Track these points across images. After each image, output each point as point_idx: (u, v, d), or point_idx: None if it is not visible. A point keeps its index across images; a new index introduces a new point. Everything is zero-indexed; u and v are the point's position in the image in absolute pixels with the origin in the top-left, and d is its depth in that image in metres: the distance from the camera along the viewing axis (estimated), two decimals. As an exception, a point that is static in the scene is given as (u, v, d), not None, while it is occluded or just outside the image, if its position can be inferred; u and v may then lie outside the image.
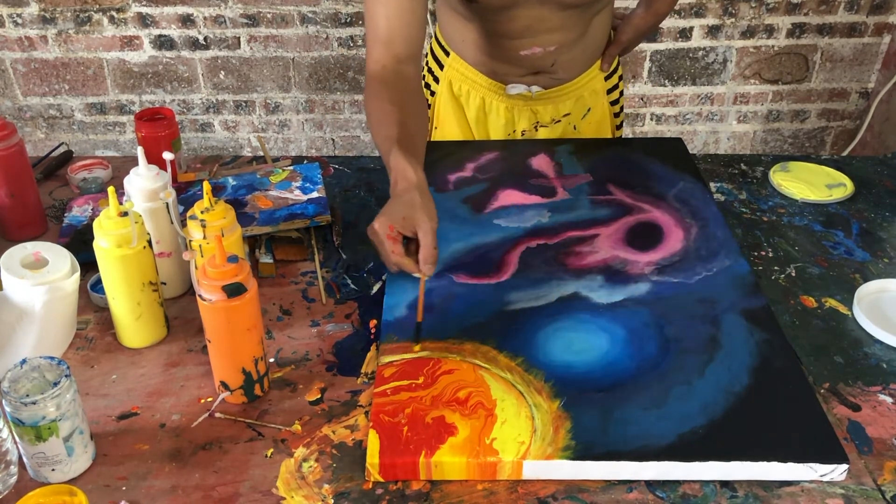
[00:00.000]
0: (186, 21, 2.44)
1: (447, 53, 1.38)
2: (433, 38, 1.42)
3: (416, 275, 0.99)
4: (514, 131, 1.41)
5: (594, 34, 1.33)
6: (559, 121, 1.40)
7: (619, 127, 1.50)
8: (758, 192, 1.29)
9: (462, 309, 0.99)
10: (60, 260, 0.96)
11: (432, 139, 1.46)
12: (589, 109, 1.42)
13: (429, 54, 1.43)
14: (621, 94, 1.47)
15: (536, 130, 1.41)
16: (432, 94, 1.42)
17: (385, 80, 1.14)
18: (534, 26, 1.24)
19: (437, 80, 1.40)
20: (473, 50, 1.33)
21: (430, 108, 1.43)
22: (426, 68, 1.43)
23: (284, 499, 0.79)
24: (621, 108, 1.48)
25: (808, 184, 1.30)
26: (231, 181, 1.25)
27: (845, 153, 2.72)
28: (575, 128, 1.43)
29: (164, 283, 1.04)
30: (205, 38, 2.47)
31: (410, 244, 1.01)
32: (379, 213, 1.00)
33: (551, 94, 1.36)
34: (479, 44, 1.31)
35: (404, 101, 1.13)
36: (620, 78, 1.46)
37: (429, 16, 2.45)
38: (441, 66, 1.39)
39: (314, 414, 0.89)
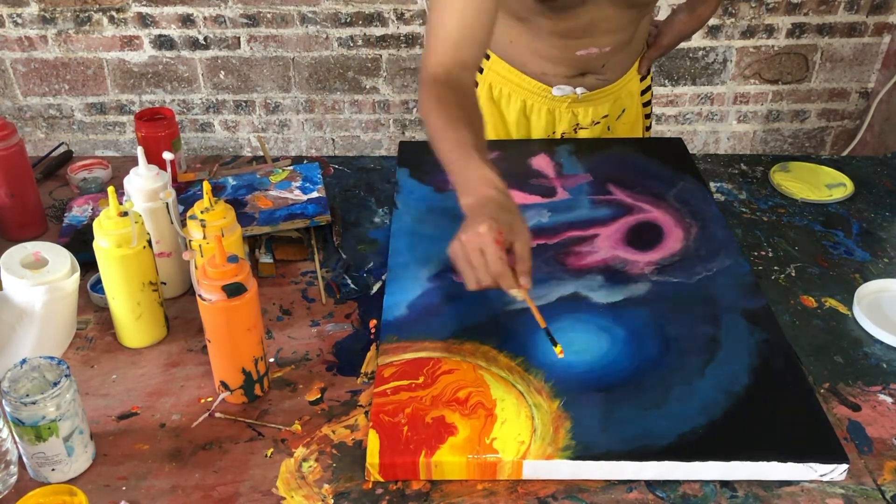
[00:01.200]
0: (186, 21, 2.44)
1: (487, 57, 1.35)
2: None
3: (513, 292, 0.91)
4: (554, 132, 1.40)
5: (639, 36, 1.34)
6: (598, 122, 1.39)
7: (649, 129, 1.50)
8: (758, 192, 1.29)
9: (462, 309, 0.99)
10: (60, 260, 0.96)
11: None
12: (623, 110, 1.41)
13: None
14: (652, 94, 1.47)
15: (576, 132, 1.40)
16: None
17: (450, 85, 1.07)
18: (595, 25, 1.23)
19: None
20: (523, 51, 1.31)
21: None
22: None
23: (284, 499, 0.79)
24: (651, 109, 1.49)
25: (808, 184, 1.30)
26: (231, 181, 1.25)
27: (845, 153, 2.72)
28: (609, 128, 1.42)
29: (164, 283, 1.04)
30: (205, 38, 2.47)
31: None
32: (476, 216, 0.90)
33: (595, 95, 1.36)
34: (532, 45, 1.29)
35: (471, 110, 1.07)
36: (652, 78, 1.46)
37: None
38: (479, 70, 1.37)
39: (314, 414, 0.89)
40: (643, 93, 1.44)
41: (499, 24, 1.30)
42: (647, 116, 1.48)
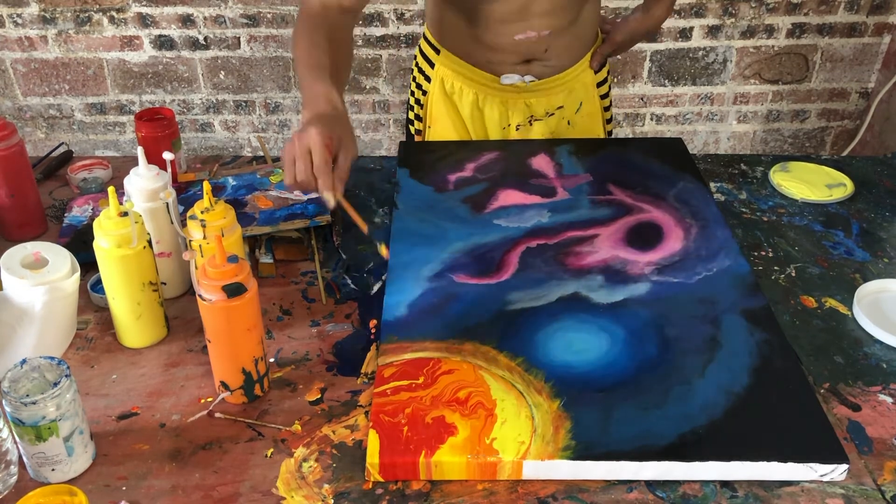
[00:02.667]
0: (186, 21, 2.44)
1: (437, 51, 1.38)
2: (422, 39, 1.43)
3: (327, 195, 0.97)
4: (509, 125, 1.41)
5: (584, 22, 1.35)
6: (553, 114, 1.41)
7: (609, 121, 1.50)
8: (758, 192, 1.29)
9: (462, 309, 0.99)
10: (60, 260, 0.96)
11: (426, 139, 1.46)
12: (581, 103, 1.42)
13: (418, 55, 1.44)
14: (609, 88, 1.48)
15: (531, 125, 1.41)
16: (424, 93, 1.42)
17: (327, 20, 1.15)
18: (529, 8, 1.26)
19: (428, 79, 1.41)
20: (467, 40, 1.33)
21: (423, 108, 1.44)
22: (416, 69, 1.44)
23: (284, 499, 0.79)
24: (610, 103, 1.49)
25: (808, 184, 1.30)
26: (231, 181, 1.25)
27: (845, 153, 2.72)
28: (569, 122, 1.43)
29: (164, 283, 1.04)
30: (205, 38, 2.47)
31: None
32: (308, 123, 0.98)
33: (544, 84, 1.37)
34: (473, 33, 1.32)
35: (340, 46, 1.14)
36: (609, 73, 1.47)
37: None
38: (432, 65, 1.40)
39: (314, 414, 0.89)
40: (599, 85, 1.45)
41: (444, 15, 1.34)
42: (607, 109, 1.49)
